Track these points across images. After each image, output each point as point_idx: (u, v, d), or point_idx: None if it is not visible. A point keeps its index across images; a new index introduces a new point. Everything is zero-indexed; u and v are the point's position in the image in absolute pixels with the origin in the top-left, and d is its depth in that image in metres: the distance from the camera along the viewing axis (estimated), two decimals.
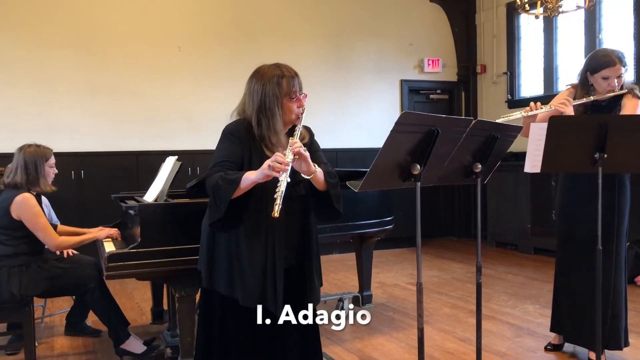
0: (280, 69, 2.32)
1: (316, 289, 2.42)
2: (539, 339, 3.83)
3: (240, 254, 2.27)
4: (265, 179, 2.12)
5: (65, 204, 5.72)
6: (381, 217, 4.33)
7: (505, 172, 6.63)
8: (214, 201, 2.21)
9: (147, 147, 6.54)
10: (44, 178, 3.46)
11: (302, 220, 2.37)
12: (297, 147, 2.14)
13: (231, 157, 2.28)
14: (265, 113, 2.27)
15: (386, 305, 4.79)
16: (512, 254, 7.00)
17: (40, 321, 4.41)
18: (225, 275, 2.31)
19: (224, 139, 2.34)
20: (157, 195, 3.32)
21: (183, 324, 3.10)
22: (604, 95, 3.20)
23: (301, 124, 2.30)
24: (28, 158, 3.43)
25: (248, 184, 2.16)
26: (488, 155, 2.58)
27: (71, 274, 3.51)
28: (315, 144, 2.46)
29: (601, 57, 3.22)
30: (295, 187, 2.29)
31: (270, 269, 2.25)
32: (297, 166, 2.18)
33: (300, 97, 2.32)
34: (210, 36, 6.87)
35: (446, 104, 8.30)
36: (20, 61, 6.12)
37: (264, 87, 2.28)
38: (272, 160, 2.09)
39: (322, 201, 2.33)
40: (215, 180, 2.19)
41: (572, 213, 3.33)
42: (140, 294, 5.23)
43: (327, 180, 2.28)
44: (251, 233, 2.26)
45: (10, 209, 3.34)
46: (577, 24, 6.72)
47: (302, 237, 2.38)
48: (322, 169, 2.29)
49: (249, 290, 2.25)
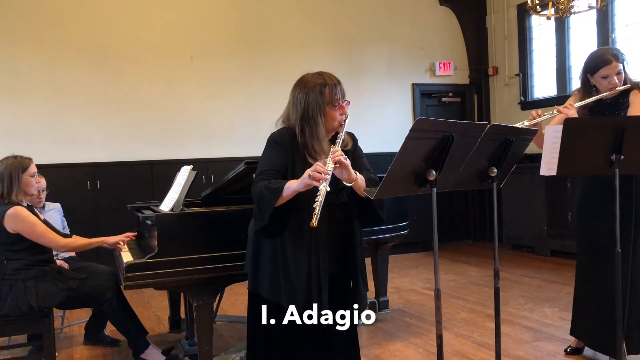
0: (322, 78, 2.36)
1: (363, 294, 2.48)
2: (557, 342, 3.80)
3: (285, 260, 2.32)
4: (306, 187, 2.16)
5: (81, 214, 5.79)
6: (396, 223, 4.32)
7: (520, 174, 6.58)
8: (258, 209, 2.27)
9: (162, 156, 6.59)
10: (19, 189, 3.40)
11: (345, 227, 2.41)
12: (337, 155, 2.18)
13: (275, 166, 2.32)
14: (309, 121, 2.31)
15: (403, 311, 4.78)
16: (529, 257, 6.95)
17: (60, 331, 4.44)
18: (269, 280, 2.36)
19: (269, 147, 2.38)
20: (174, 204, 3.33)
21: (201, 332, 3.11)
22: (607, 93, 3.19)
23: (344, 130, 2.34)
24: (4, 170, 3.40)
25: (290, 193, 2.20)
26: (504, 159, 2.57)
27: (88, 285, 3.53)
28: (359, 150, 2.52)
29: (597, 57, 3.23)
30: (338, 195, 2.34)
31: (314, 275, 2.29)
32: (338, 174, 2.22)
33: (343, 105, 2.36)
34: (222, 45, 6.92)
35: (458, 107, 8.27)
36: (36, 74, 6.20)
37: (307, 95, 2.33)
38: (312, 169, 2.12)
39: (364, 208, 2.37)
40: (259, 190, 2.25)
41: (590, 216, 3.30)
42: (157, 302, 5.26)
43: (370, 187, 2.31)
44: (295, 240, 2.30)
45: (4, 224, 3.33)
46: (589, 23, 6.67)
47: (346, 244, 2.42)
48: (364, 175, 2.34)
49: (294, 296, 2.30)
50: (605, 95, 3.20)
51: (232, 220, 3.13)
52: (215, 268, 3.00)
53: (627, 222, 3.11)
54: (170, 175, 4.04)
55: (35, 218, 3.42)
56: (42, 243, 3.42)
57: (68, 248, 3.58)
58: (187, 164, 3.68)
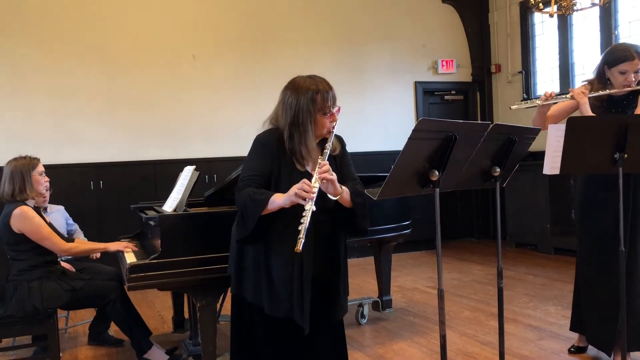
0: (315, 83, 2.30)
1: (342, 301, 2.44)
2: (561, 341, 3.79)
3: (268, 265, 2.30)
4: (292, 204, 2.14)
5: (84, 214, 5.79)
6: (399, 222, 4.32)
7: (524, 172, 6.56)
8: (241, 219, 2.24)
9: (165, 156, 6.59)
10: (31, 186, 3.45)
11: (330, 232, 2.37)
12: (324, 170, 2.15)
13: (260, 171, 2.29)
14: (298, 128, 2.26)
15: (406, 310, 4.77)
16: (532, 255, 6.94)
17: (64, 332, 4.45)
18: (252, 284, 2.34)
19: (255, 150, 2.35)
20: (177, 205, 3.34)
21: (205, 333, 3.12)
22: (620, 90, 3.17)
23: (332, 137, 2.30)
24: (14, 169, 3.45)
25: (274, 207, 2.18)
26: (507, 159, 2.56)
27: (92, 286, 3.55)
28: (347, 156, 2.46)
29: (620, 51, 3.20)
30: (324, 201, 2.29)
31: (297, 281, 2.26)
32: (324, 187, 2.19)
33: (333, 112, 2.31)
34: (224, 44, 6.91)
35: (461, 105, 8.26)
36: (39, 75, 6.21)
37: (298, 101, 2.27)
38: (299, 187, 2.10)
39: (348, 217, 2.34)
40: (243, 199, 2.22)
41: (593, 214, 3.29)
42: (161, 302, 5.27)
43: (353, 200, 2.29)
44: (278, 246, 2.27)
45: (10, 224, 3.36)
46: (592, 20, 6.65)
47: (330, 249, 2.39)
48: (349, 186, 2.30)
49: (276, 301, 2.28)
50: (616, 92, 3.19)
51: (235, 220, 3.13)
52: (219, 268, 2.99)
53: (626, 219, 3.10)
54: (173, 175, 4.04)
55: (41, 220, 3.44)
56: (45, 246, 3.43)
57: (70, 253, 3.60)
58: (190, 164, 3.69)
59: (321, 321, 2.36)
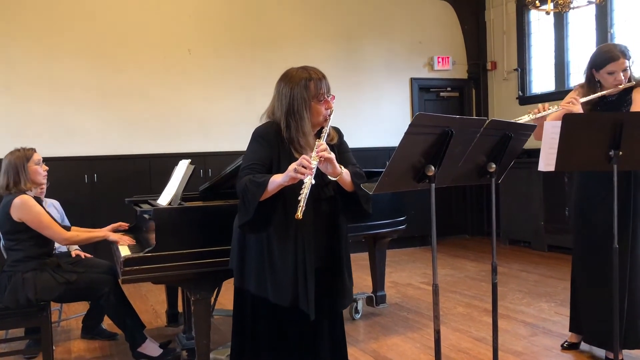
0: (307, 72, 2.34)
1: (348, 289, 2.47)
2: (554, 337, 3.81)
3: (271, 254, 2.31)
4: (291, 181, 2.14)
5: (78, 207, 5.77)
6: (394, 218, 4.32)
7: (518, 169, 6.55)
8: (243, 204, 2.26)
9: (160, 150, 6.57)
10: (27, 178, 3.47)
11: (330, 221, 2.40)
12: (322, 149, 2.17)
13: (260, 160, 2.31)
14: (294, 116, 2.30)
15: (400, 305, 4.79)
16: (526, 252, 6.97)
17: (57, 325, 4.44)
18: (255, 275, 2.35)
19: (254, 142, 2.37)
20: (171, 198, 3.33)
21: (198, 327, 3.11)
22: (611, 90, 3.18)
23: (329, 125, 2.33)
24: (9, 162, 3.48)
25: (275, 187, 2.19)
26: (502, 155, 2.57)
27: (85, 279, 3.53)
28: (345, 144, 2.50)
29: (604, 52, 3.21)
30: (324, 189, 2.33)
31: (301, 269, 2.28)
32: (323, 168, 2.21)
33: (328, 99, 2.34)
34: (220, 39, 6.89)
35: (457, 102, 8.27)
36: (32, 67, 6.16)
37: (292, 90, 2.31)
38: (297, 163, 2.11)
39: (350, 201, 2.36)
40: (244, 184, 2.24)
41: (587, 211, 3.30)
42: (155, 296, 5.26)
43: (354, 181, 2.31)
44: (281, 234, 2.29)
45: (10, 212, 3.37)
46: (588, 18, 6.66)
47: (332, 238, 2.41)
48: (349, 170, 2.33)
49: (280, 290, 2.29)
50: (609, 92, 3.19)
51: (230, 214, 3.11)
52: (213, 262, 2.99)
53: (626, 218, 3.11)
54: (168, 168, 4.03)
55: (41, 208, 3.45)
56: (46, 234, 3.43)
57: (70, 241, 3.59)
58: (185, 158, 3.68)
59: (326, 309, 2.38)
